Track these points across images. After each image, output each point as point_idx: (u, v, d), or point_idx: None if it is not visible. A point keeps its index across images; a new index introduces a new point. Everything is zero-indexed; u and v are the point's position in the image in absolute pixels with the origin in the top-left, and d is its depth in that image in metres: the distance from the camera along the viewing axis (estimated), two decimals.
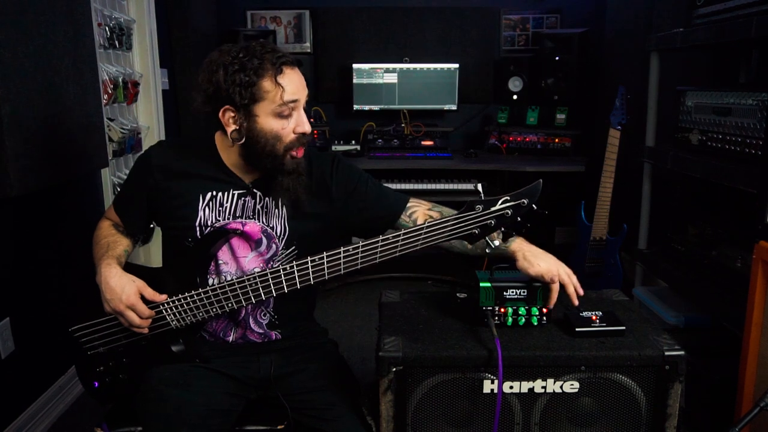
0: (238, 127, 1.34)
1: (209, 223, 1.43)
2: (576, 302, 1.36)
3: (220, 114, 1.34)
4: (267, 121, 1.33)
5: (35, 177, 1.97)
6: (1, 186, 1.84)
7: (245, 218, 1.44)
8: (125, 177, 2.84)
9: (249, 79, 1.29)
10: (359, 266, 1.28)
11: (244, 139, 1.35)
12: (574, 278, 1.37)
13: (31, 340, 2.10)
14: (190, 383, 1.38)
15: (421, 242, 1.25)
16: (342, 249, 1.27)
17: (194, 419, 1.32)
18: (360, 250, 1.27)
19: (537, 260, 1.33)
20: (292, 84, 1.34)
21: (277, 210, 1.45)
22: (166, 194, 1.44)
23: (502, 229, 1.24)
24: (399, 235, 1.25)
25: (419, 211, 1.49)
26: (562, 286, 1.35)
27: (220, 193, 1.44)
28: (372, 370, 1.29)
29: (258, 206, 1.45)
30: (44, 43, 2.01)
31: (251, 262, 1.45)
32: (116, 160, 2.84)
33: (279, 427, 1.43)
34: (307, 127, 1.38)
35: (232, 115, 1.34)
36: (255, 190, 1.44)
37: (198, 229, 1.42)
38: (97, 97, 2.37)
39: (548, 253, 1.37)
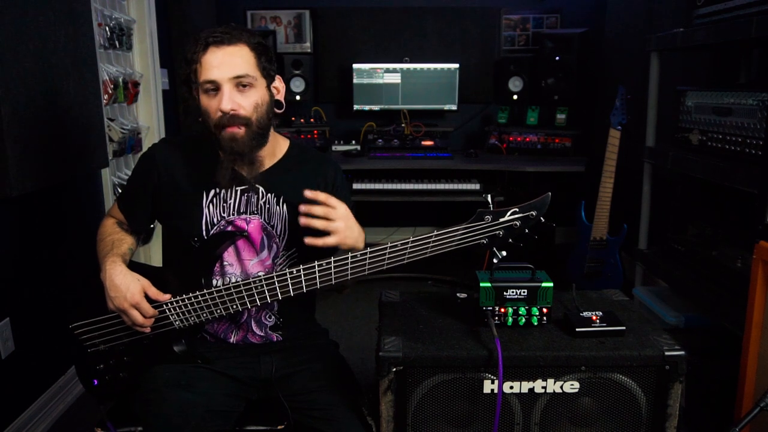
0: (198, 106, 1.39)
1: (215, 220, 1.43)
2: None
3: (194, 93, 1.39)
4: (202, 99, 1.37)
5: (35, 177, 1.97)
6: (1, 186, 1.84)
7: (249, 214, 1.45)
8: (126, 177, 2.85)
9: (188, 59, 1.35)
10: (366, 272, 1.28)
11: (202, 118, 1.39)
12: None
13: (31, 340, 2.10)
14: (192, 384, 1.37)
15: (429, 250, 1.26)
16: (350, 254, 1.27)
17: (196, 420, 1.31)
18: (368, 256, 1.26)
19: None
20: (211, 61, 1.33)
21: (278, 208, 1.46)
22: (170, 191, 1.45)
23: (510, 240, 1.25)
24: (407, 243, 1.25)
25: None
26: None
27: (223, 190, 1.44)
28: (372, 370, 1.29)
29: (261, 201, 1.45)
30: (44, 43, 2.01)
31: (255, 266, 1.46)
32: (116, 160, 2.83)
33: (279, 427, 1.43)
34: (224, 105, 1.33)
35: (195, 95, 1.39)
36: (257, 186, 1.44)
37: (204, 227, 1.43)
38: (97, 97, 2.37)
39: None
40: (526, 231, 1.24)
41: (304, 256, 1.46)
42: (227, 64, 1.33)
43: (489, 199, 1.26)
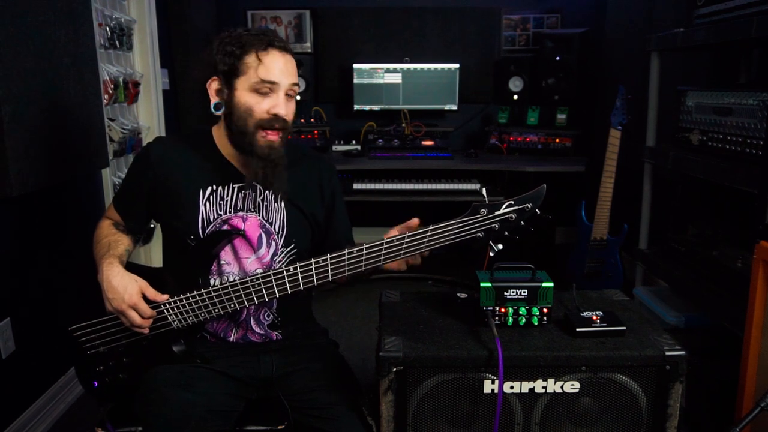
0: (219, 99, 1.38)
1: (212, 219, 1.43)
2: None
3: (207, 85, 1.38)
4: (243, 95, 1.35)
5: (35, 177, 1.97)
6: (1, 186, 1.84)
7: (246, 212, 1.45)
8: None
9: (234, 50, 1.33)
10: (363, 268, 1.29)
11: (222, 110, 1.38)
12: None
13: (31, 340, 2.10)
14: (192, 384, 1.37)
15: (425, 245, 1.26)
16: (346, 251, 1.27)
17: (196, 420, 1.31)
18: (364, 252, 1.27)
19: None
20: (274, 64, 1.35)
21: (276, 205, 1.46)
22: (165, 190, 1.44)
23: (506, 233, 1.25)
24: (403, 238, 1.25)
25: None
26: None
27: (220, 187, 1.44)
28: (372, 370, 1.29)
29: (258, 199, 1.46)
30: (44, 43, 2.01)
31: (253, 263, 1.46)
32: (117, 160, 2.83)
33: (279, 427, 1.43)
34: (281, 110, 1.36)
35: (217, 87, 1.37)
36: (255, 183, 1.44)
37: (200, 226, 1.43)
38: (97, 97, 2.37)
39: None
40: (522, 224, 1.24)
41: (301, 253, 1.47)
42: (288, 71, 1.37)
43: (484, 192, 1.26)
